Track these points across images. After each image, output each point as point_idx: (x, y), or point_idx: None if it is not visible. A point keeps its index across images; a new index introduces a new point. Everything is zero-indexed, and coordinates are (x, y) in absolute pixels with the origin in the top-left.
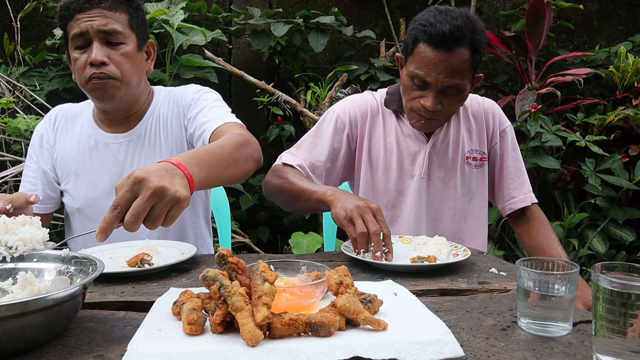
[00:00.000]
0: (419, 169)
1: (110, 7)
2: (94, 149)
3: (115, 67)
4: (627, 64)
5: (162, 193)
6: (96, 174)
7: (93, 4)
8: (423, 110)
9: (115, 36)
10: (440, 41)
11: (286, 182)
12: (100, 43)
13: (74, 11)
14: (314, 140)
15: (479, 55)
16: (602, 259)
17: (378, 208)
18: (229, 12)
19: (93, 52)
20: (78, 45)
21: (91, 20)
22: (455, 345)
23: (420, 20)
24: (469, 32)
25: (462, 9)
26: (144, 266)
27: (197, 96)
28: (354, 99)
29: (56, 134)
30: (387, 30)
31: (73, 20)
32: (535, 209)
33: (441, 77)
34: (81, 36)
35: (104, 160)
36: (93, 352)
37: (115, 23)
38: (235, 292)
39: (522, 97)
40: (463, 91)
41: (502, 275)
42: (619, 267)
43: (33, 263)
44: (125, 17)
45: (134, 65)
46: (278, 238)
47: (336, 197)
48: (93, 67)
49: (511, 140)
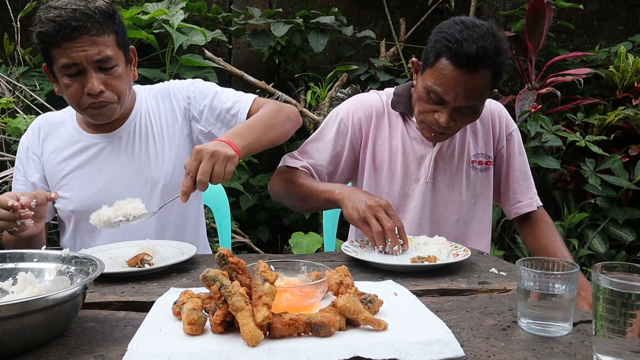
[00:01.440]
0: (424, 172)
1: (98, 32)
2: (82, 151)
3: (111, 92)
4: (627, 64)
5: (217, 154)
6: (88, 174)
7: (82, 32)
8: (436, 125)
9: (107, 62)
10: (465, 62)
11: (293, 184)
12: (94, 71)
13: (61, 40)
14: (316, 144)
15: (499, 77)
16: (602, 259)
17: (388, 204)
18: (229, 12)
19: (89, 82)
20: (69, 73)
21: (83, 50)
22: (455, 345)
23: (446, 34)
24: (494, 54)
25: (489, 25)
26: (144, 266)
27: (194, 88)
28: (358, 100)
29: (42, 144)
30: (387, 30)
31: (60, 48)
32: (541, 212)
33: (460, 97)
34: (73, 66)
35: (94, 160)
36: (93, 352)
37: (106, 49)
38: (235, 292)
39: (522, 97)
40: (478, 111)
41: (502, 275)
42: (619, 267)
43: (33, 263)
44: (112, 38)
45: (126, 82)
46: (278, 238)
47: (344, 195)
48: (91, 96)
49: (517, 144)
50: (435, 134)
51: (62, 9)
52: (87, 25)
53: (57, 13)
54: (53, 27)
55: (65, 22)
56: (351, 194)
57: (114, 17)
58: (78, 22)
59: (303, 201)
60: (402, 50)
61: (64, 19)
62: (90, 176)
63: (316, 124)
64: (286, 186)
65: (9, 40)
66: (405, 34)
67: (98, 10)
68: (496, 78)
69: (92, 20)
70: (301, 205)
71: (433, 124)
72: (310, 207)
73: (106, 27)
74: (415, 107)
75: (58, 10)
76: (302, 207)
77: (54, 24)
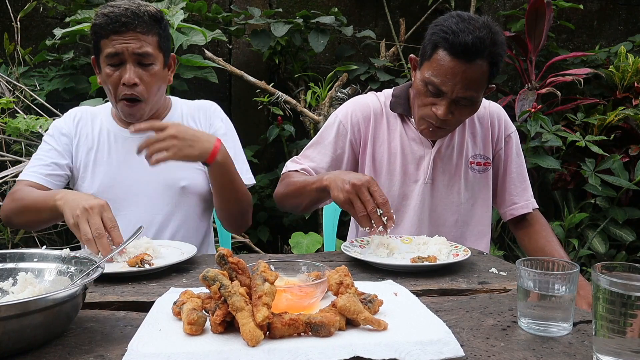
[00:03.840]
0: (423, 173)
1: (144, 31)
2: (113, 142)
3: (144, 88)
4: (627, 64)
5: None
6: (113, 164)
7: (129, 28)
8: (434, 118)
9: (147, 58)
10: (461, 51)
11: (288, 184)
12: (133, 64)
13: (110, 32)
14: (316, 148)
15: (496, 68)
16: (602, 259)
17: (371, 180)
18: (229, 12)
19: (127, 73)
20: (111, 63)
21: (126, 43)
22: (455, 345)
23: (442, 26)
24: (490, 45)
25: (485, 19)
26: (144, 266)
27: (227, 130)
28: (356, 102)
29: (77, 128)
30: (387, 30)
31: (108, 39)
32: (536, 214)
33: (457, 87)
34: (116, 56)
35: (122, 152)
36: (93, 352)
37: (147, 46)
38: (235, 292)
39: (522, 97)
40: (475, 103)
41: (502, 275)
42: (619, 267)
43: (33, 263)
44: (155, 39)
45: (160, 83)
46: (278, 238)
47: (331, 179)
48: (125, 86)
49: (516, 146)
50: (433, 129)
51: (117, 7)
52: (134, 23)
53: (110, 9)
54: (105, 20)
55: (116, 17)
56: (336, 177)
57: (160, 22)
58: (127, 19)
59: (299, 198)
60: (402, 50)
61: (115, 14)
62: (116, 167)
63: (316, 124)
64: (285, 188)
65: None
66: (405, 34)
67: (147, 13)
68: (493, 69)
69: (140, 19)
70: (299, 203)
71: (431, 117)
72: (307, 203)
73: (151, 28)
74: (414, 103)
75: (113, 7)
76: (300, 205)
77: (106, 18)
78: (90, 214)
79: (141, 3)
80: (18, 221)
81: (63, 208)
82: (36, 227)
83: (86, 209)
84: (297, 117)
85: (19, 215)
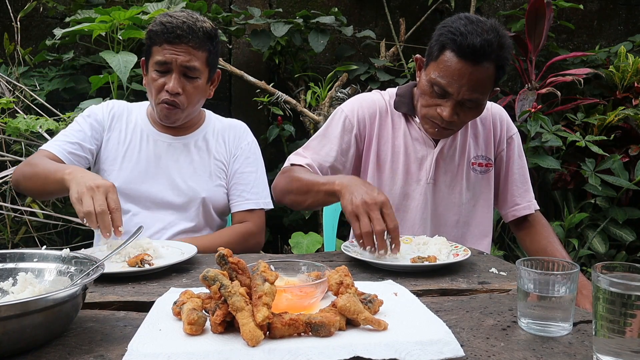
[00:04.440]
0: (425, 173)
1: (195, 45)
2: (144, 141)
3: (185, 98)
4: (627, 64)
5: None
6: (140, 163)
7: (182, 41)
8: (439, 119)
9: (193, 72)
10: (469, 53)
11: (293, 179)
12: (178, 74)
13: (163, 41)
14: (321, 141)
15: (502, 71)
16: (602, 259)
17: (386, 201)
18: (229, 12)
19: (172, 82)
20: (159, 69)
21: (176, 55)
22: (455, 345)
23: (451, 27)
24: (497, 48)
25: (492, 22)
26: (144, 266)
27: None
28: (362, 98)
29: (112, 120)
30: (387, 30)
31: (160, 47)
32: (538, 215)
33: (463, 89)
34: (164, 64)
35: (152, 152)
36: (93, 352)
37: (196, 60)
38: (235, 292)
39: (522, 97)
40: (480, 105)
41: (502, 275)
42: (619, 267)
43: (33, 263)
44: (205, 55)
45: (201, 96)
46: (278, 238)
47: (344, 186)
48: (168, 93)
49: (517, 147)
50: (438, 129)
51: (175, 18)
52: (188, 37)
53: (169, 19)
54: (161, 29)
55: (172, 28)
56: (351, 185)
57: (212, 40)
58: (182, 32)
59: (304, 196)
60: (402, 50)
61: (172, 25)
62: (143, 165)
63: (316, 124)
64: (288, 182)
65: (9, 40)
66: (405, 34)
67: (202, 29)
68: (499, 73)
69: (194, 34)
70: (302, 200)
71: (436, 118)
72: (311, 202)
73: (203, 44)
74: (418, 103)
75: (171, 18)
76: (303, 203)
77: (162, 27)
78: (95, 192)
79: (199, 18)
80: (25, 185)
81: (70, 183)
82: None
83: (92, 187)
84: (297, 117)
85: (28, 180)
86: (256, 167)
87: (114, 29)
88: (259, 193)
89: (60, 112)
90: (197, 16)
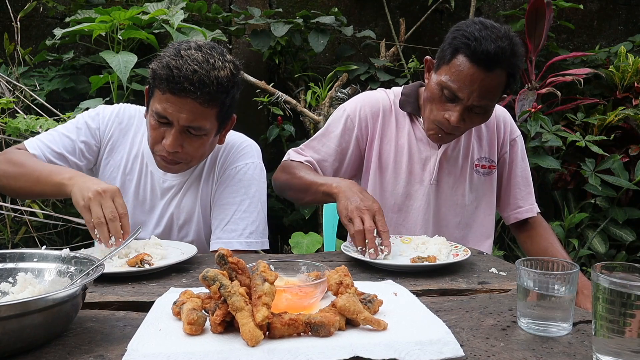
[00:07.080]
0: (429, 174)
1: (204, 101)
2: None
3: (185, 154)
4: (627, 64)
5: None
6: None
7: (188, 96)
8: (446, 124)
9: (197, 131)
10: (483, 59)
11: (294, 176)
12: (178, 132)
13: (166, 90)
14: (322, 139)
15: (513, 79)
16: (602, 259)
17: (379, 209)
18: (229, 12)
19: (169, 139)
20: (159, 120)
21: (179, 112)
22: (455, 345)
23: (465, 32)
24: (510, 56)
25: (506, 28)
26: (144, 266)
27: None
28: (366, 97)
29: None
30: (387, 30)
31: (163, 94)
32: (539, 217)
33: (474, 95)
34: (164, 117)
35: (148, 192)
36: (93, 352)
37: (202, 120)
38: (235, 292)
39: (522, 97)
40: (488, 112)
41: (502, 275)
42: (619, 267)
43: (33, 263)
44: (215, 111)
45: (206, 149)
46: (278, 238)
47: (341, 189)
48: (165, 149)
49: (521, 150)
50: (442, 135)
51: (187, 62)
52: (196, 93)
53: (179, 64)
54: (167, 75)
55: (180, 78)
56: (347, 190)
57: (228, 91)
58: (190, 86)
59: (303, 193)
60: (402, 50)
61: (180, 75)
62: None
63: (316, 124)
64: (288, 178)
65: (9, 40)
66: (405, 34)
67: (216, 81)
68: (510, 80)
69: (204, 89)
70: (301, 197)
71: (442, 123)
72: (309, 200)
73: (215, 99)
74: (425, 106)
75: (182, 61)
76: (302, 200)
77: (169, 73)
78: (103, 197)
79: (215, 65)
80: (6, 183)
81: (72, 189)
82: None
83: (99, 192)
84: (297, 117)
85: (11, 179)
86: (241, 198)
87: (114, 29)
88: (236, 230)
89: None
90: (214, 60)
